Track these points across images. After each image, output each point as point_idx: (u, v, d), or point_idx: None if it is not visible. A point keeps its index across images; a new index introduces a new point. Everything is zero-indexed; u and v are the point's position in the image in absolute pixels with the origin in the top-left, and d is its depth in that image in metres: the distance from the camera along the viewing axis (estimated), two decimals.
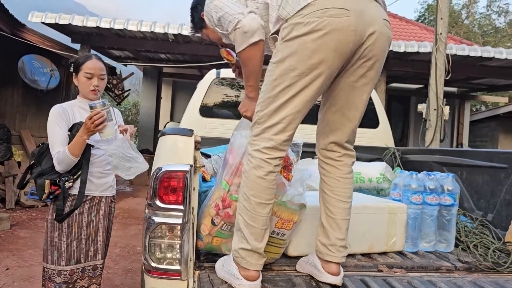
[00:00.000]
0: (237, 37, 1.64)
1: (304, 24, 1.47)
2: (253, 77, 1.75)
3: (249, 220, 1.56)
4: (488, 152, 2.51)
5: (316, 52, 1.47)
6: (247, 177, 1.58)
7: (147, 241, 1.62)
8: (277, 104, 1.55)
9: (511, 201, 2.23)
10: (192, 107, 3.44)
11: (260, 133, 1.59)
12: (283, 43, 1.53)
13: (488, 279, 1.77)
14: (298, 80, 1.51)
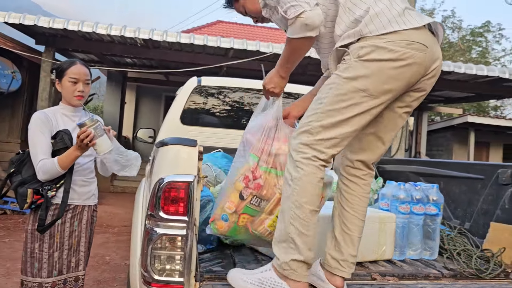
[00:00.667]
0: (296, 25, 1.57)
1: (388, 50, 1.49)
2: (294, 63, 1.76)
3: (302, 228, 1.53)
4: (464, 163, 2.64)
5: (392, 79, 1.52)
6: (298, 185, 1.54)
7: (149, 253, 1.59)
8: (337, 119, 1.54)
9: (488, 210, 2.36)
10: (173, 114, 3.40)
11: (311, 144, 1.56)
12: (360, 61, 1.52)
13: (475, 285, 1.87)
14: (366, 101, 1.53)
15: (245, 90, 3.64)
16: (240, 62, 7.18)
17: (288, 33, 1.63)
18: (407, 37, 1.50)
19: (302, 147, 1.57)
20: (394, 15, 1.54)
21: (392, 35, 1.51)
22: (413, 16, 1.56)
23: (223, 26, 15.88)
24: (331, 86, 1.57)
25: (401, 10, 1.56)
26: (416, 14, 1.58)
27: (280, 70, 1.81)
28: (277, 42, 12.61)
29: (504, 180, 2.26)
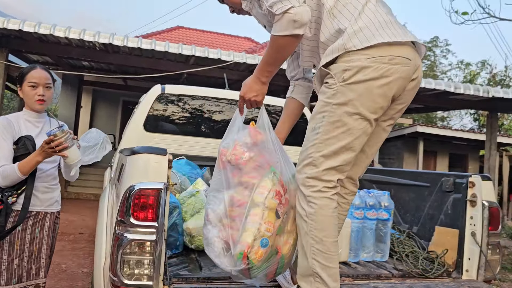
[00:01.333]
0: (283, 21, 1.52)
1: (372, 68, 1.50)
2: (277, 65, 1.68)
3: (326, 262, 1.53)
4: (413, 172, 2.86)
5: (381, 97, 1.54)
6: (314, 220, 1.54)
7: (118, 258, 1.64)
8: (337, 146, 1.55)
9: (434, 215, 2.57)
10: (136, 121, 3.43)
11: (318, 176, 1.56)
12: (346, 85, 1.53)
13: (421, 283, 2.05)
14: (360, 123, 1.55)
15: (208, 98, 3.72)
16: (202, 69, 7.23)
17: (273, 31, 1.58)
18: (390, 52, 1.52)
19: (310, 180, 1.57)
20: (378, 27, 1.54)
21: (375, 50, 1.51)
22: (397, 30, 1.57)
23: (183, 32, 15.85)
24: (324, 115, 1.58)
25: (384, 22, 1.57)
26: (400, 28, 1.60)
27: (260, 75, 1.72)
28: (238, 51, 12.76)
29: (447, 188, 2.47)
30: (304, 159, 1.62)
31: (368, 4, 1.60)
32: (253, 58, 7.20)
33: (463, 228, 2.28)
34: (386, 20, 1.58)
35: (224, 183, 1.68)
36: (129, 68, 8.94)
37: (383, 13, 1.60)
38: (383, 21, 1.57)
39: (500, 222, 2.28)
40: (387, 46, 1.52)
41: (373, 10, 1.59)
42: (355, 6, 1.59)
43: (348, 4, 1.60)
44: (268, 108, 3.88)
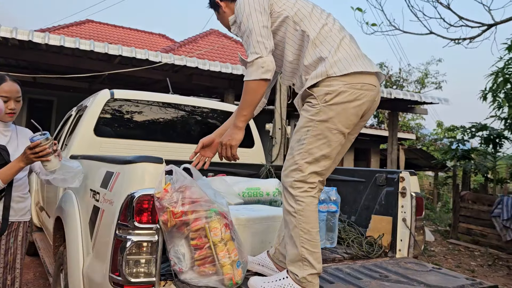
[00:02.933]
0: (253, 67, 1.86)
1: (348, 93, 1.85)
2: (250, 108, 1.95)
3: (312, 248, 1.87)
4: (350, 169, 3.31)
5: (354, 115, 1.90)
6: (302, 215, 1.86)
7: (123, 259, 1.79)
8: (319, 155, 1.88)
9: (369, 206, 3.04)
10: (86, 126, 3.44)
11: (303, 179, 1.88)
12: (327, 106, 1.85)
13: (368, 263, 2.47)
14: (337, 136, 1.89)
15: (157, 103, 3.85)
16: (128, 70, 7.16)
17: (246, 77, 1.91)
18: (361, 80, 1.88)
19: (297, 183, 1.89)
20: (352, 59, 1.89)
21: (351, 77, 1.85)
22: (367, 62, 1.94)
23: (93, 26, 15.16)
24: (308, 129, 1.89)
25: (357, 55, 1.92)
26: (368, 60, 1.97)
27: (236, 120, 1.98)
28: (153, 49, 12.60)
29: (381, 182, 2.95)
30: (290, 166, 1.93)
31: (344, 39, 1.96)
32: (180, 59, 7.31)
33: (395, 215, 2.76)
34: (358, 53, 1.95)
35: (175, 239, 1.86)
36: (43, 65, 8.46)
37: (355, 48, 1.97)
38: (356, 55, 1.93)
39: (424, 209, 2.80)
40: (359, 74, 1.88)
41: (348, 44, 1.95)
42: (334, 39, 1.93)
43: (328, 37, 1.94)
44: (195, 109, 4.10)
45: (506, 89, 6.97)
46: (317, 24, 1.95)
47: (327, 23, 1.98)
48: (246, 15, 1.93)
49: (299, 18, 1.96)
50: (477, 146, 9.50)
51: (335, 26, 1.99)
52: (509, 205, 7.44)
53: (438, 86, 20.82)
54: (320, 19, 1.98)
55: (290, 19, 1.97)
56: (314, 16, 1.98)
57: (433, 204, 15.09)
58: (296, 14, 1.97)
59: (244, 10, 1.94)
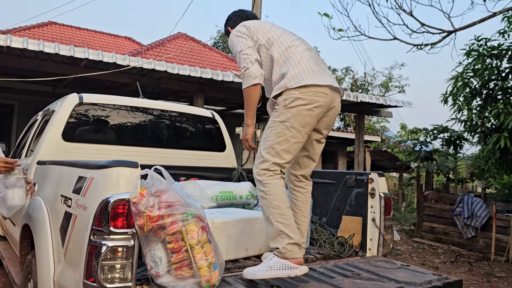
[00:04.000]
0: (244, 76, 2.34)
1: (302, 99, 2.24)
2: (251, 108, 2.37)
3: (285, 221, 2.18)
4: (321, 172, 3.38)
5: (307, 117, 2.26)
6: (270, 194, 2.20)
7: (98, 264, 1.77)
8: (279, 149, 2.24)
9: (339, 207, 3.12)
10: (54, 131, 3.36)
11: (268, 167, 2.23)
12: (285, 109, 2.25)
13: (340, 262, 2.54)
14: (294, 134, 2.25)
15: (126, 107, 3.80)
16: (96, 74, 7.02)
17: (242, 86, 2.36)
18: (313, 89, 2.27)
19: (263, 171, 2.25)
20: (307, 74, 2.29)
21: (305, 88, 2.26)
22: (320, 76, 2.31)
23: (57, 29, 14.75)
24: (271, 129, 2.29)
25: (312, 71, 2.31)
26: (323, 74, 2.33)
27: (245, 119, 2.43)
28: (120, 52, 12.40)
29: (351, 184, 3.03)
30: (258, 159, 2.31)
31: (303, 58, 2.36)
32: (149, 63, 7.23)
33: (365, 215, 2.85)
34: (314, 69, 2.33)
35: (152, 243, 1.86)
36: (2, 68, 8.15)
37: (312, 64, 2.35)
38: (312, 70, 2.32)
39: (392, 209, 2.90)
40: (312, 86, 2.27)
41: (305, 62, 2.34)
42: (294, 59, 2.34)
43: (290, 58, 2.35)
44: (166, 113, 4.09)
45: (465, 92, 7.29)
46: (281, 47, 2.39)
47: (292, 45, 2.40)
48: (235, 42, 2.45)
49: (269, 45, 2.41)
50: (438, 148, 9.87)
51: (299, 48, 2.41)
52: (469, 204, 7.77)
53: (401, 90, 21.50)
54: (285, 43, 2.41)
55: (263, 46, 2.42)
56: (282, 40, 2.42)
57: (398, 204, 15.52)
58: (267, 41, 2.42)
59: (233, 39, 2.49)
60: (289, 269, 2.10)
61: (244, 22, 2.55)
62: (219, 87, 8.55)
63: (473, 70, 7.20)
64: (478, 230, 7.63)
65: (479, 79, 7.16)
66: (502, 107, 6.43)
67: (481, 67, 7.01)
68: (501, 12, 5.50)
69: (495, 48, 6.94)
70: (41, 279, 2.30)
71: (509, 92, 7.00)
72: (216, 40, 23.53)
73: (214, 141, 4.29)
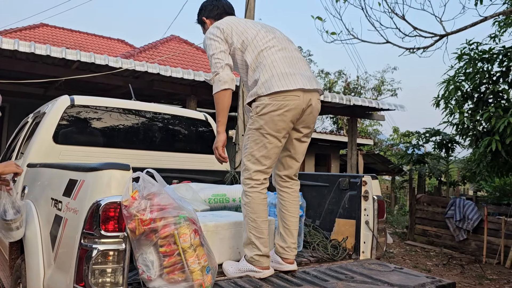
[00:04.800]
0: (214, 82, 2.34)
1: (272, 105, 2.25)
2: (222, 114, 2.36)
3: (258, 234, 2.26)
4: (314, 174, 3.37)
5: (280, 121, 2.26)
6: (249, 206, 2.28)
7: (89, 268, 1.74)
8: (259, 155, 2.29)
9: (333, 210, 3.11)
10: (44, 133, 3.32)
11: (250, 176, 2.30)
12: (258, 116, 2.28)
13: (334, 265, 2.52)
14: (270, 139, 2.28)
15: (118, 109, 3.77)
16: (88, 76, 6.97)
17: (213, 91, 2.36)
18: (284, 93, 2.25)
19: (246, 180, 2.32)
20: (277, 79, 2.26)
21: (274, 94, 2.25)
22: (291, 79, 2.27)
23: (48, 31, 14.65)
24: (248, 136, 2.34)
25: (282, 75, 2.27)
26: (293, 77, 2.28)
27: (216, 127, 2.40)
28: (113, 54, 12.34)
29: (344, 186, 3.03)
30: (242, 167, 2.38)
31: (274, 62, 2.32)
32: (141, 65, 7.20)
33: (359, 218, 2.84)
34: (284, 72, 2.30)
35: (144, 247, 1.82)
36: None
37: (284, 67, 2.31)
38: (282, 74, 2.29)
39: (385, 211, 2.90)
40: (282, 92, 2.25)
41: (276, 66, 2.31)
42: (264, 64, 2.32)
43: (261, 62, 2.33)
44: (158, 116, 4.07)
45: (457, 96, 7.34)
46: (254, 51, 2.36)
47: (266, 47, 2.36)
48: (208, 45, 2.42)
49: (243, 48, 2.38)
50: (430, 151, 9.92)
51: (272, 49, 2.36)
52: (461, 207, 7.81)
53: (394, 93, 21.62)
54: (258, 46, 2.36)
55: (238, 49, 2.40)
56: (256, 42, 2.37)
57: (391, 207, 15.58)
58: (241, 45, 2.39)
59: (206, 42, 2.44)
60: (255, 272, 2.24)
61: (218, 23, 2.47)
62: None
63: (465, 74, 7.26)
64: (470, 233, 7.67)
65: (471, 83, 7.21)
66: (494, 111, 6.48)
67: (473, 70, 7.07)
68: (492, 16, 5.55)
69: (486, 52, 7.00)
70: (30, 283, 2.26)
71: (500, 96, 7.06)
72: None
73: (207, 143, 4.27)
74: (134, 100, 4.08)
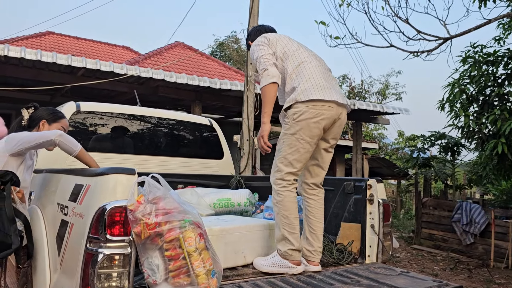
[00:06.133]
0: (263, 76, 2.54)
1: (309, 112, 2.47)
2: (268, 106, 2.53)
3: (291, 230, 2.44)
4: None
5: (315, 128, 2.48)
6: (281, 204, 2.46)
7: (95, 273, 1.75)
8: (292, 158, 2.48)
9: (338, 213, 3.10)
10: None
11: (282, 177, 2.49)
12: (295, 122, 2.48)
13: (340, 269, 2.52)
14: (303, 144, 2.48)
15: (124, 115, 3.79)
16: (93, 83, 7.02)
17: (260, 84, 2.56)
18: (320, 103, 2.49)
19: (278, 181, 2.51)
20: (315, 90, 2.50)
21: (312, 102, 2.48)
22: (327, 92, 2.51)
23: (55, 38, 14.79)
24: (284, 140, 2.53)
25: (320, 86, 2.51)
26: (330, 90, 2.54)
27: (262, 117, 2.57)
28: (118, 61, 12.42)
29: (349, 190, 3.02)
30: (274, 168, 2.57)
31: (313, 74, 2.57)
32: (146, 71, 7.25)
33: (364, 222, 2.83)
34: (322, 85, 2.54)
35: (149, 251, 1.83)
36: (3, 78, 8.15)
37: (321, 80, 2.56)
38: (321, 86, 2.53)
39: (391, 215, 2.89)
40: (319, 100, 2.49)
41: (316, 77, 2.56)
42: (304, 74, 2.57)
43: (301, 72, 2.58)
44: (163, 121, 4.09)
45: (462, 99, 7.31)
46: (294, 62, 2.61)
47: (305, 61, 2.62)
48: (256, 51, 2.67)
49: (285, 58, 2.63)
50: (436, 154, 9.87)
51: (311, 64, 2.62)
52: (468, 210, 7.75)
53: (398, 97, 21.55)
54: (299, 58, 2.62)
55: (280, 58, 2.63)
56: (297, 55, 2.63)
57: (397, 211, 15.50)
58: (283, 54, 2.64)
59: (254, 48, 2.70)
60: (288, 267, 2.39)
61: (265, 34, 2.76)
62: (217, 96, 8.57)
63: (470, 77, 7.22)
64: (477, 237, 7.61)
65: (476, 86, 7.18)
66: (499, 113, 6.44)
67: (477, 73, 7.04)
68: (496, 19, 5.54)
69: (491, 54, 6.97)
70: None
71: (505, 98, 7.03)
72: (213, 49, 23.57)
73: (212, 148, 4.28)
74: (140, 106, 4.11)
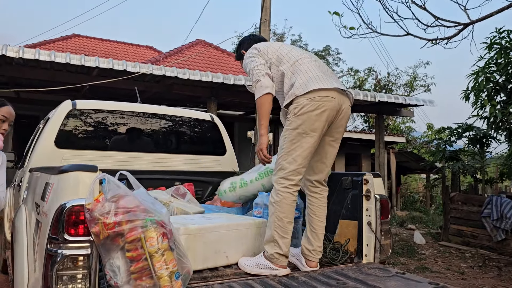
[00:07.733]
0: (256, 88, 2.50)
1: (310, 105, 2.37)
2: (264, 117, 2.50)
3: (283, 233, 2.33)
4: None
5: (317, 121, 2.38)
6: (279, 205, 2.35)
7: (53, 275, 1.68)
8: (295, 155, 2.38)
9: (337, 210, 2.94)
10: (46, 138, 3.34)
11: (285, 176, 2.38)
12: (295, 117, 2.39)
13: (330, 270, 2.36)
14: (306, 138, 2.38)
15: (121, 112, 3.75)
16: (107, 81, 7.07)
17: (255, 97, 2.50)
18: (320, 94, 2.39)
19: (280, 179, 2.39)
20: (312, 80, 2.42)
21: (312, 93, 2.38)
22: (326, 80, 2.44)
23: (80, 41, 15.12)
24: (285, 137, 2.44)
25: (317, 76, 2.45)
26: (329, 79, 2.46)
27: (259, 129, 2.53)
28: (141, 61, 12.54)
29: (346, 186, 2.85)
30: (277, 167, 2.46)
31: (310, 68, 2.51)
32: (159, 69, 7.23)
33: (361, 219, 2.66)
34: (318, 75, 2.47)
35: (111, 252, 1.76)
36: (23, 80, 8.35)
37: (316, 71, 2.50)
38: (316, 76, 2.46)
39: (390, 211, 2.70)
40: (318, 90, 2.40)
41: (311, 69, 2.50)
42: (301, 70, 2.50)
43: (297, 69, 2.52)
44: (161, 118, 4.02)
45: (488, 88, 6.92)
46: (289, 61, 2.57)
47: (300, 58, 2.57)
48: (248, 63, 2.64)
49: (278, 62, 2.59)
50: (463, 147, 9.42)
51: (306, 60, 2.57)
52: (498, 205, 7.34)
53: (427, 89, 20.83)
54: (293, 57, 2.58)
55: (274, 64, 2.59)
56: (290, 55, 2.60)
57: (426, 206, 14.99)
58: (276, 59, 2.60)
59: (246, 61, 2.68)
60: (271, 269, 2.29)
61: (255, 45, 2.72)
62: (232, 92, 8.47)
63: (496, 64, 6.82)
64: (508, 233, 7.20)
65: (503, 73, 6.77)
66: None
67: (504, 60, 6.63)
68: None
69: None
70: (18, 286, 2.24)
71: None
72: (236, 45, 23.47)
73: (214, 144, 4.19)
74: (140, 102, 4.06)
